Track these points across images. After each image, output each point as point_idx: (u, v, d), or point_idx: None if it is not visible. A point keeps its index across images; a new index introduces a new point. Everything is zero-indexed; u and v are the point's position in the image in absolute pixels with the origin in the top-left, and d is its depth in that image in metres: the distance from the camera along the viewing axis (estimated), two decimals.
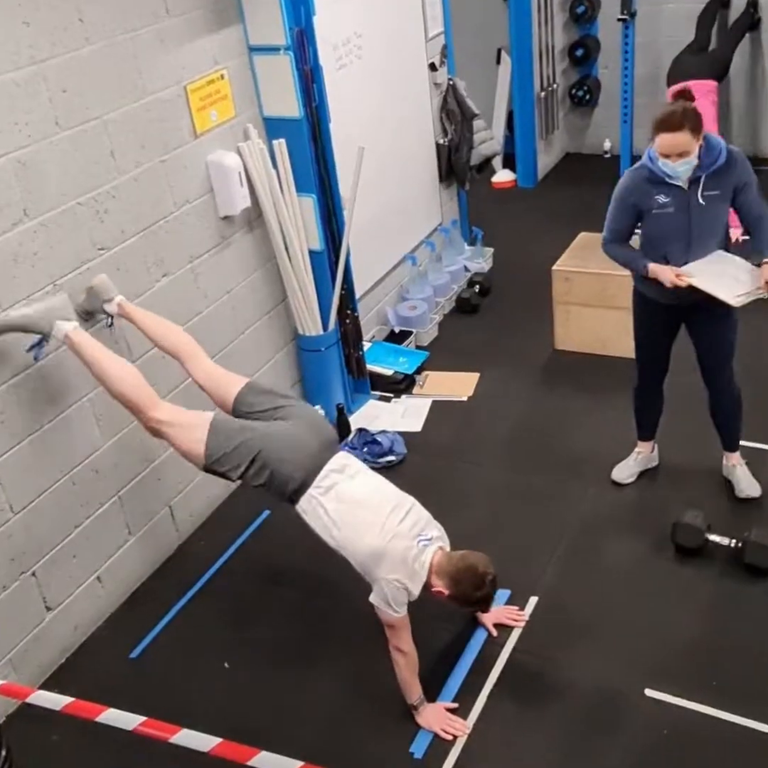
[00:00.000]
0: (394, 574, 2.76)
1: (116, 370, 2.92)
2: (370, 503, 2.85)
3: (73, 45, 3.04)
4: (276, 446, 2.84)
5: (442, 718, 2.91)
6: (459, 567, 2.81)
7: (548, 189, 6.98)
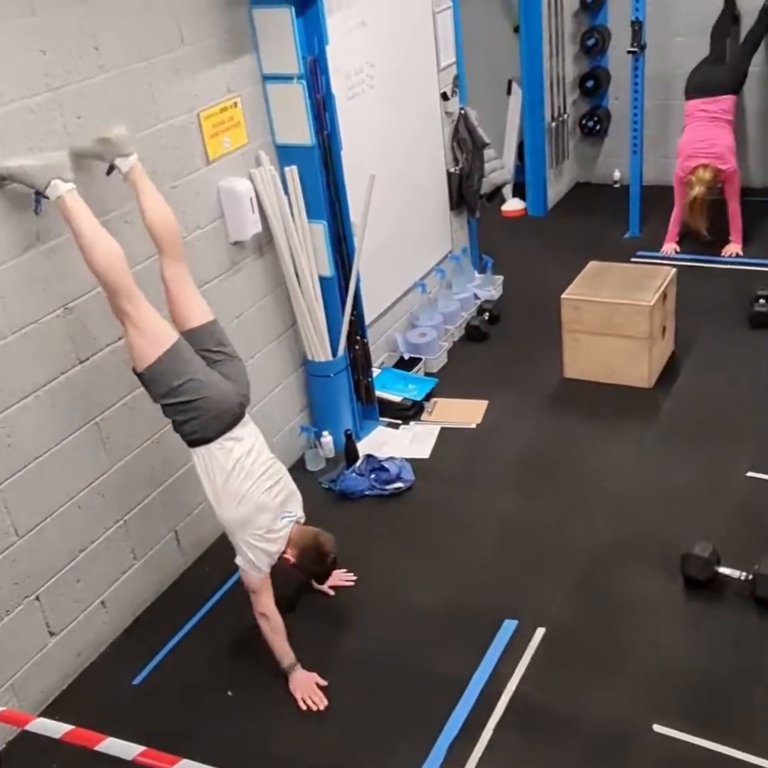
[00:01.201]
0: (258, 541, 3.08)
1: (102, 247, 2.83)
2: (253, 475, 3.09)
3: (88, 72, 3.08)
4: (210, 403, 2.98)
5: (307, 687, 3.13)
6: (308, 543, 3.18)
7: (558, 218, 7.00)
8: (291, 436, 4.39)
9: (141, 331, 2.88)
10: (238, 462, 3.06)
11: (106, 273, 2.84)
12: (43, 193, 2.82)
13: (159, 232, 3.08)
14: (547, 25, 6.51)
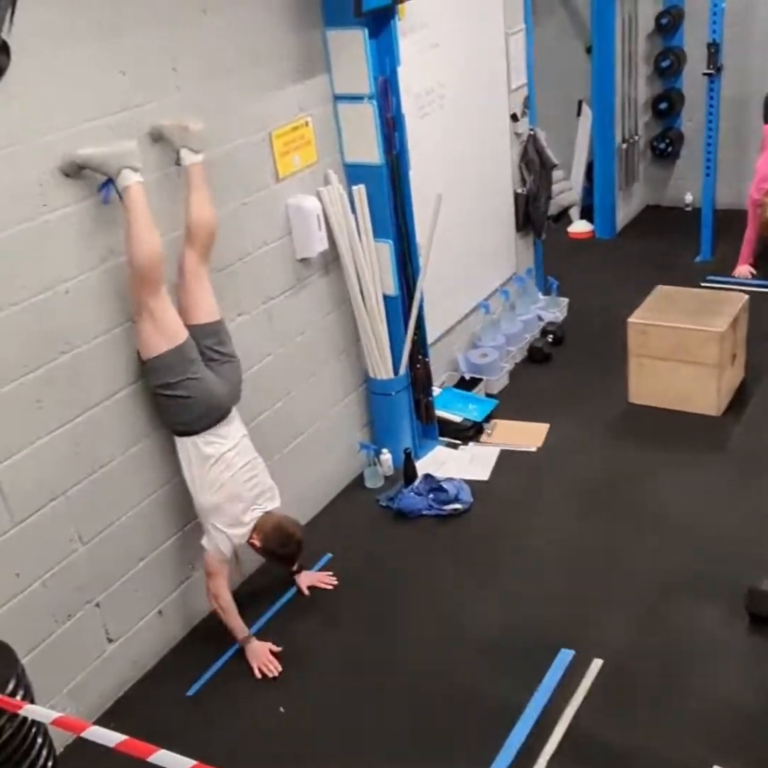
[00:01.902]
0: (226, 527, 3.29)
1: (146, 244, 2.94)
2: (232, 468, 3.28)
3: (165, 92, 3.15)
4: (201, 402, 3.17)
5: (261, 655, 3.36)
6: (272, 526, 3.35)
7: (626, 241, 6.90)
8: (351, 452, 4.39)
9: (156, 323, 3.04)
10: (221, 454, 3.25)
11: (143, 268, 2.96)
12: (115, 180, 2.91)
13: (197, 229, 3.16)
14: (620, 46, 6.45)
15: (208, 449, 3.24)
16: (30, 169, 2.75)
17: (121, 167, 2.88)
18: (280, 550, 3.40)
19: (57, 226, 2.86)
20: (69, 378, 2.98)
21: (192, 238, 3.18)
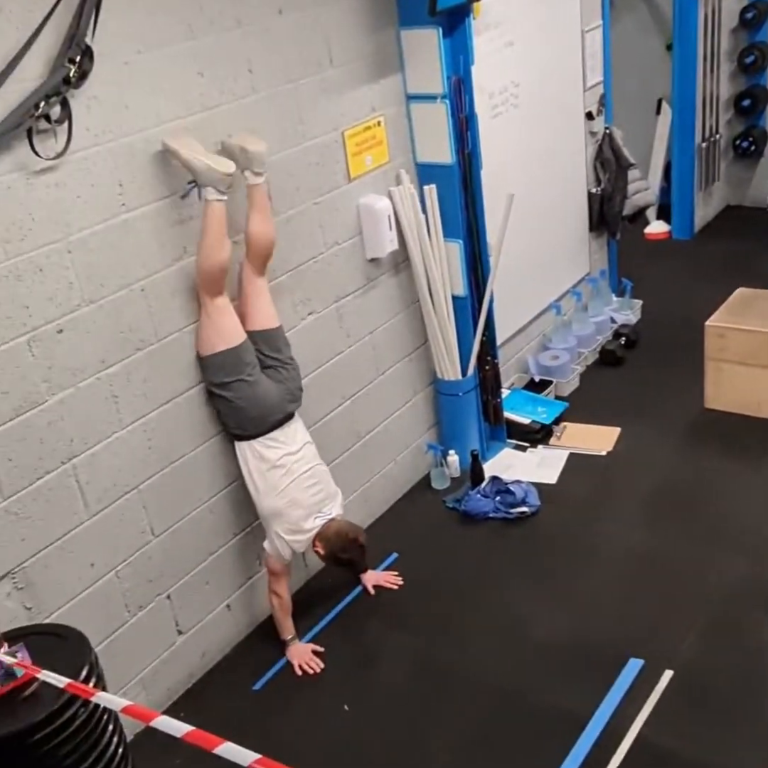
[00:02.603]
0: (287, 533, 3.29)
1: (216, 255, 3.04)
2: (293, 473, 3.28)
3: (240, 93, 3.20)
4: (253, 407, 3.20)
5: (303, 654, 3.42)
6: (334, 531, 3.34)
7: (705, 242, 6.72)
8: (418, 453, 4.38)
9: (214, 323, 3.14)
10: (280, 458, 3.26)
11: (207, 274, 3.09)
12: (200, 187, 3.00)
13: (255, 245, 3.21)
14: (702, 42, 6.28)
15: (268, 453, 3.26)
16: (110, 170, 2.82)
17: (209, 183, 2.98)
18: (343, 555, 3.38)
19: (134, 226, 2.93)
20: (143, 374, 3.05)
21: (251, 252, 3.23)
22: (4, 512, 2.72)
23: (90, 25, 2.60)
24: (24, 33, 2.49)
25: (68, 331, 2.80)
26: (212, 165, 2.96)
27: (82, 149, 2.73)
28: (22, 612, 2.81)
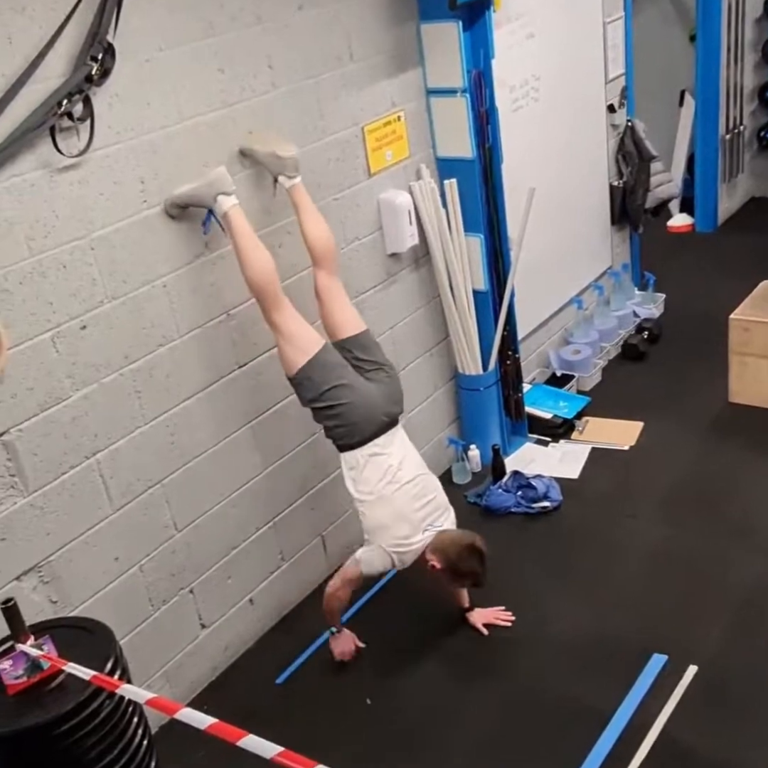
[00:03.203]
0: (391, 547, 3.13)
1: (255, 260, 3.01)
2: (397, 482, 3.12)
3: (261, 89, 3.20)
4: (355, 405, 3.07)
5: (344, 646, 3.37)
6: (449, 540, 3.14)
7: (729, 234, 6.65)
8: (439, 447, 4.38)
9: (288, 339, 3.06)
10: (385, 470, 3.12)
11: (258, 284, 3.03)
12: (213, 210, 3.00)
13: (317, 248, 3.21)
14: (726, 32, 6.21)
15: (371, 463, 3.12)
16: (132, 167, 2.84)
17: (215, 194, 2.95)
18: (463, 565, 3.11)
19: (156, 222, 2.95)
20: (166, 370, 3.08)
21: (315, 255, 3.21)
22: (29, 507, 2.76)
23: (112, 23, 2.62)
24: (47, 31, 2.51)
25: (91, 327, 2.83)
26: (205, 177, 2.95)
27: (105, 147, 2.75)
28: (47, 605, 2.85)
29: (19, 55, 2.47)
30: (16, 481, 2.71)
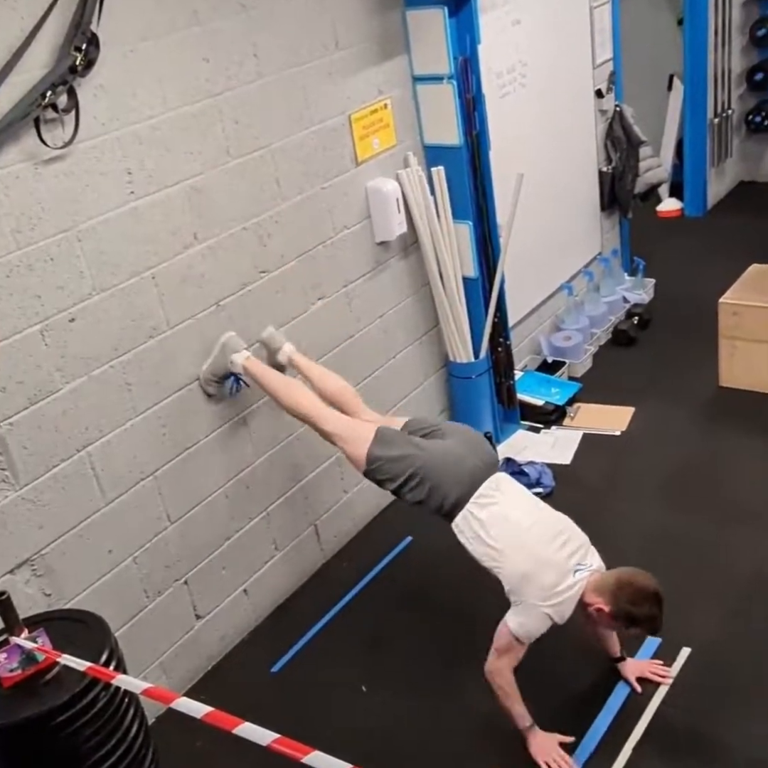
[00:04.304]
0: (546, 600, 2.69)
1: (284, 391, 3.16)
2: (525, 525, 2.80)
3: (247, 78, 3.19)
4: (435, 463, 2.86)
5: (550, 750, 2.80)
6: (615, 580, 2.70)
7: (718, 219, 6.66)
8: None
9: (345, 440, 3.01)
10: (501, 513, 2.81)
11: (298, 414, 3.14)
12: (232, 370, 3.23)
13: (338, 399, 3.24)
14: (714, 16, 6.20)
15: (483, 513, 2.81)
16: (119, 158, 2.83)
17: (230, 358, 3.20)
18: (637, 609, 2.65)
19: (144, 214, 2.94)
20: (156, 361, 3.07)
21: (341, 407, 3.19)
22: (21, 500, 2.75)
23: (95, 13, 2.60)
24: (29, 22, 2.49)
25: (80, 320, 2.82)
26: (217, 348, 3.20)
27: (90, 138, 2.73)
28: (41, 598, 2.85)
29: (1, 46, 2.45)
30: (7, 475, 2.71)
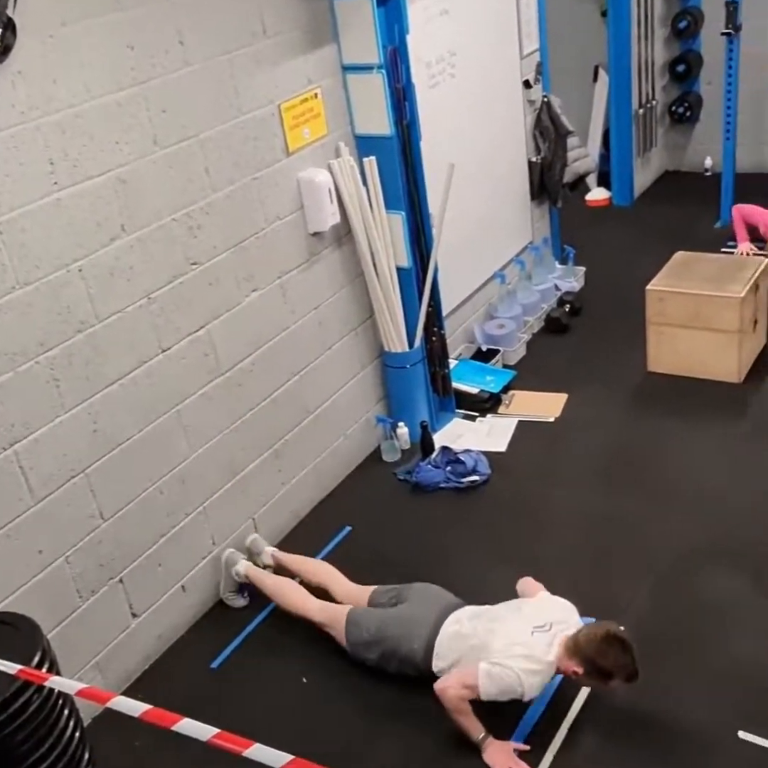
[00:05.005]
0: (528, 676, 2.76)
1: (278, 594, 3.45)
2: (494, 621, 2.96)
3: (173, 67, 3.13)
4: (392, 633, 3.08)
5: (506, 759, 2.80)
6: (583, 637, 2.76)
7: (645, 207, 6.82)
8: (367, 426, 4.40)
9: (331, 628, 3.25)
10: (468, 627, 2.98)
11: (288, 607, 3.39)
12: (239, 581, 3.57)
13: (321, 582, 3.46)
14: (636, 8, 6.33)
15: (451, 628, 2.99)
16: (40, 147, 2.75)
17: (234, 570, 3.55)
18: (603, 661, 2.69)
19: (69, 204, 2.87)
20: (85, 356, 3.00)
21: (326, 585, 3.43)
22: None
23: None
24: None
25: (3, 315, 2.73)
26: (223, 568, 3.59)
27: (9, 127, 2.65)
28: None
29: None
30: None
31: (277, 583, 3.49)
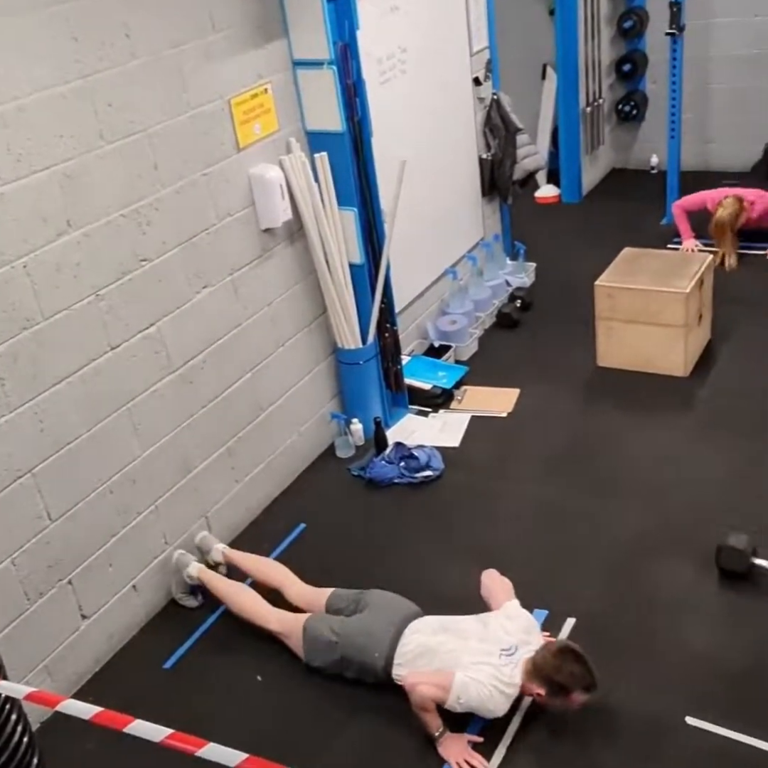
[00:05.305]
0: (496, 692, 2.81)
1: (231, 598, 3.44)
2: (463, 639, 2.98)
3: (120, 60, 3.08)
4: (353, 642, 3.07)
5: (460, 751, 2.84)
6: (540, 657, 2.83)
7: (593, 204, 6.92)
8: (321, 422, 4.39)
9: (286, 637, 3.25)
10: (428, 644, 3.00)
11: (243, 614, 3.38)
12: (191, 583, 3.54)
13: (273, 582, 3.45)
14: (583, 7, 6.41)
15: (407, 648, 3.00)
16: None
17: (186, 573, 3.53)
18: (560, 676, 2.77)
19: (12, 199, 2.80)
20: (31, 354, 2.94)
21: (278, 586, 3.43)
22: None
23: None
24: None
25: None
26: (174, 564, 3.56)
27: None
28: None
29: None
30: None
31: (230, 588, 3.46)
